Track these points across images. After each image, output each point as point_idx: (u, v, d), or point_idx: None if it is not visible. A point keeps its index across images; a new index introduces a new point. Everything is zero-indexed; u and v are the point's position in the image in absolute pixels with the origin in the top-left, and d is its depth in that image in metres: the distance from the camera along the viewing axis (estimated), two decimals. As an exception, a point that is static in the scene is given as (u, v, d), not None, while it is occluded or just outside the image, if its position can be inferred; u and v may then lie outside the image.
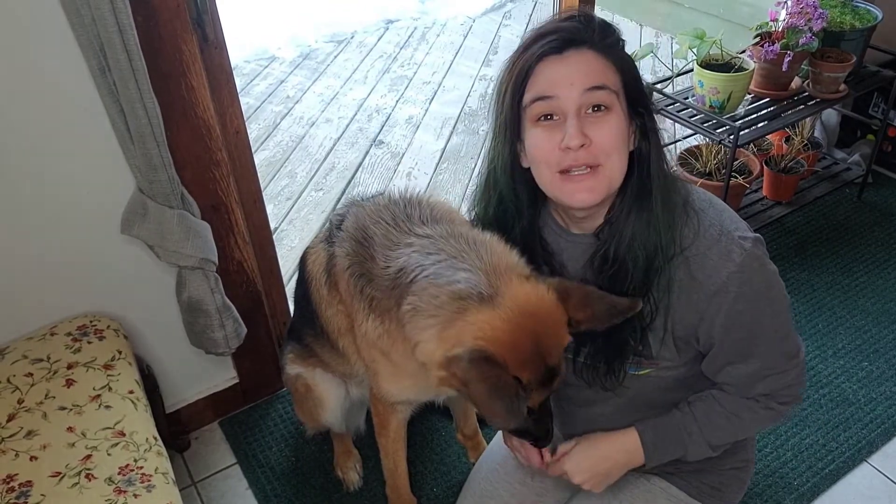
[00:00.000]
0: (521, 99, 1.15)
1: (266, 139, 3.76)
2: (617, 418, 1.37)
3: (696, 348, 1.27)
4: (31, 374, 1.58)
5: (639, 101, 1.17)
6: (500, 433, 1.68)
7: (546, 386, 1.18)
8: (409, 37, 4.84)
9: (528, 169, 1.22)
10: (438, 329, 1.16)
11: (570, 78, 1.11)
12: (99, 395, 1.55)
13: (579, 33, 1.12)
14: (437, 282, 1.18)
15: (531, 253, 1.28)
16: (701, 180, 2.52)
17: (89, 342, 1.66)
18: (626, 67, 1.15)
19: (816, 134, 2.93)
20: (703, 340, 1.25)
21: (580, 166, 1.14)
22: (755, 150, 2.76)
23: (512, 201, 1.27)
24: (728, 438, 1.34)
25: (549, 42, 1.12)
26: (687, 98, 2.51)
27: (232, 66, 1.69)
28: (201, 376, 2.08)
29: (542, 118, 1.15)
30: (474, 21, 5.04)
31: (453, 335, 1.13)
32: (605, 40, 1.14)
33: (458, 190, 3.32)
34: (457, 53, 4.59)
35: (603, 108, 1.13)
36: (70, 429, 1.48)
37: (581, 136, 1.11)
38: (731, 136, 2.27)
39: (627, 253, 1.19)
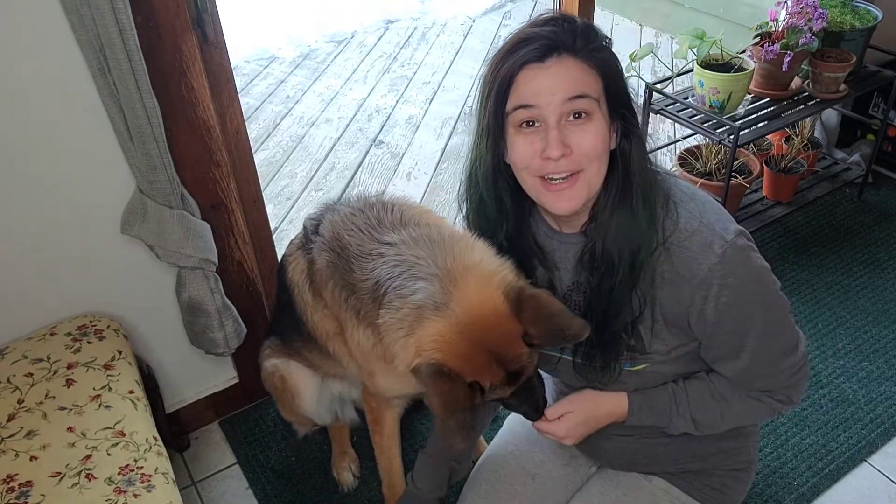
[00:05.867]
0: (504, 105, 1.16)
1: (266, 139, 3.76)
2: None
3: (691, 338, 1.28)
4: (31, 374, 1.58)
5: (620, 101, 1.18)
6: (502, 431, 1.68)
7: (511, 384, 1.20)
8: (409, 37, 4.84)
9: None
10: (404, 340, 1.20)
11: (551, 88, 1.12)
12: (99, 395, 1.55)
13: (560, 39, 1.12)
14: (402, 293, 1.22)
15: (522, 252, 1.30)
16: (701, 180, 2.52)
17: (89, 342, 1.66)
18: (608, 71, 1.15)
19: (816, 134, 2.93)
20: (698, 332, 1.25)
21: (560, 173, 1.16)
22: (755, 150, 2.76)
23: (494, 204, 1.28)
24: (714, 420, 1.33)
25: (531, 50, 1.13)
26: (687, 98, 2.51)
27: (232, 66, 1.69)
28: (201, 376, 2.08)
29: (525, 124, 1.16)
30: (474, 21, 5.04)
31: (413, 344, 1.18)
32: (587, 45, 1.14)
33: (458, 190, 3.32)
34: (457, 53, 4.59)
35: (584, 115, 1.14)
36: (70, 429, 1.48)
37: (561, 147, 1.13)
38: (731, 136, 2.27)
39: (613, 248, 1.20)
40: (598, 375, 1.30)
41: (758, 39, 2.43)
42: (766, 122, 2.42)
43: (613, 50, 1.19)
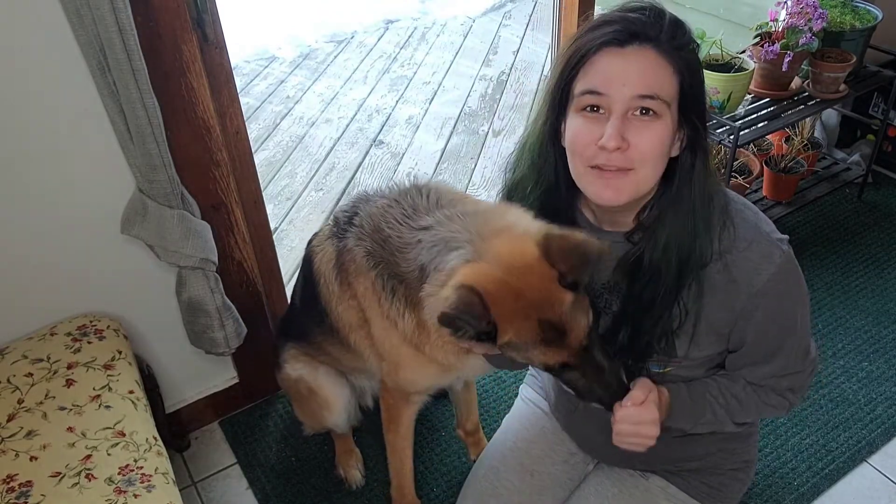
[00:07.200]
0: (571, 80, 1.13)
1: (266, 139, 3.76)
2: None
3: (724, 346, 1.27)
4: (31, 374, 1.58)
5: (693, 108, 1.14)
6: (501, 429, 1.68)
7: (555, 343, 1.14)
8: (409, 37, 4.84)
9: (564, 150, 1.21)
10: (440, 290, 1.18)
11: (624, 78, 1.08)
12: (99, 395, 1.55)
13: (646, 28, 1.08)
14: (441, 267, 1.21)
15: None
16: (701, 180, 2.52)
17: (89, 342, 1.66)
18: (687, 73, 1.11)
19: (816, 134, 2.93)
20: (735, 339, 1.25)
21: (611, 167, 1.12)
22: (755, 150, 2.76)
23: (552, 173, 1.25)
24: (749, 413, 1.32)
25: (613, 31, 1.09)
26: (687, 98, 2.51)
27: (232, 66, 1.69)
28: (201, 376, 2.08)
29: (588, 108, 1.13)
30: (474, 21, 5.04)
31: (448, 285, 1.15)
32: (672, 41, 1.09)
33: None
34: (457, 53, 4.59)
35: (651, 113, 1.10)
36: (70, 429, 1.48)
37: (619, 139, 1.09)
38: (731, 136, 2.27)
39: (661, 259, 1.17)
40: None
41: (758, 39, 2.43)
42: (766, 122, 2.42)
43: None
